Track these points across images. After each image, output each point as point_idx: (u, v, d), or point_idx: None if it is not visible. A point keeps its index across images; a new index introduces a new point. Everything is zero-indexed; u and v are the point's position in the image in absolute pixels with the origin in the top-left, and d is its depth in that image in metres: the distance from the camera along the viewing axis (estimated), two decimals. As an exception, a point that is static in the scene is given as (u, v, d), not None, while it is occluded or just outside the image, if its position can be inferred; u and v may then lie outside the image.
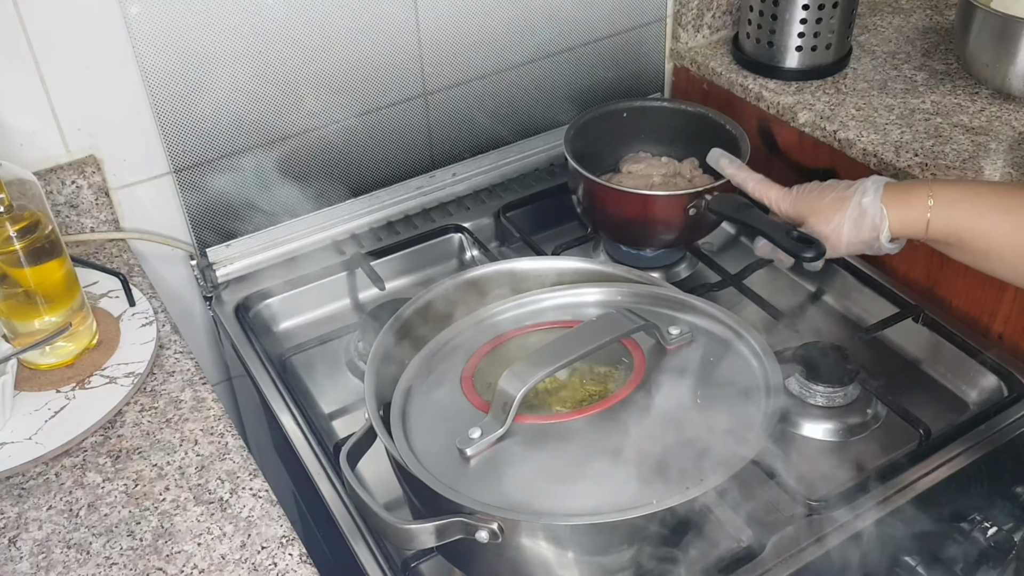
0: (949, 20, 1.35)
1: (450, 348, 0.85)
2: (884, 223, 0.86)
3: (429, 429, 0.76)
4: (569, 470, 0.71)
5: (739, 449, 0.70)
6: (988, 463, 0.89)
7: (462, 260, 1.19)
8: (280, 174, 1.12)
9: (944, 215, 0.84)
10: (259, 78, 1.05)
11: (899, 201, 0.86)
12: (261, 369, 1.00)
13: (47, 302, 0.87)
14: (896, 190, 0.87)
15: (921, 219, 0.85)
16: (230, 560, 0.74)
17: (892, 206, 0.86)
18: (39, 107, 0.97)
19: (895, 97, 1.19)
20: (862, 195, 0.87)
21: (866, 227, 0.87)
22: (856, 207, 0.87)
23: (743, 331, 0.81)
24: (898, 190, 0.87)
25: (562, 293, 0.89)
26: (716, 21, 1.35)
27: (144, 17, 0.96)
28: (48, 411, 0.85)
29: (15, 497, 0.79)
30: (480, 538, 0.67)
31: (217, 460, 0.82)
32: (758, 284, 1.08)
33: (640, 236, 1.11)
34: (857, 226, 0.88)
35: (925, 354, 1.03)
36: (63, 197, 1.01)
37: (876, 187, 0.87)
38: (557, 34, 1.23)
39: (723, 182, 1.04)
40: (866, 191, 0.87)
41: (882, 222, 0.86)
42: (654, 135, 1.20)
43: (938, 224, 0.85)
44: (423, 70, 1.16)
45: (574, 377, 0.79)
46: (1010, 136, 1.10)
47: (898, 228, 0.87)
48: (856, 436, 0.94)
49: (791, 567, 0.79)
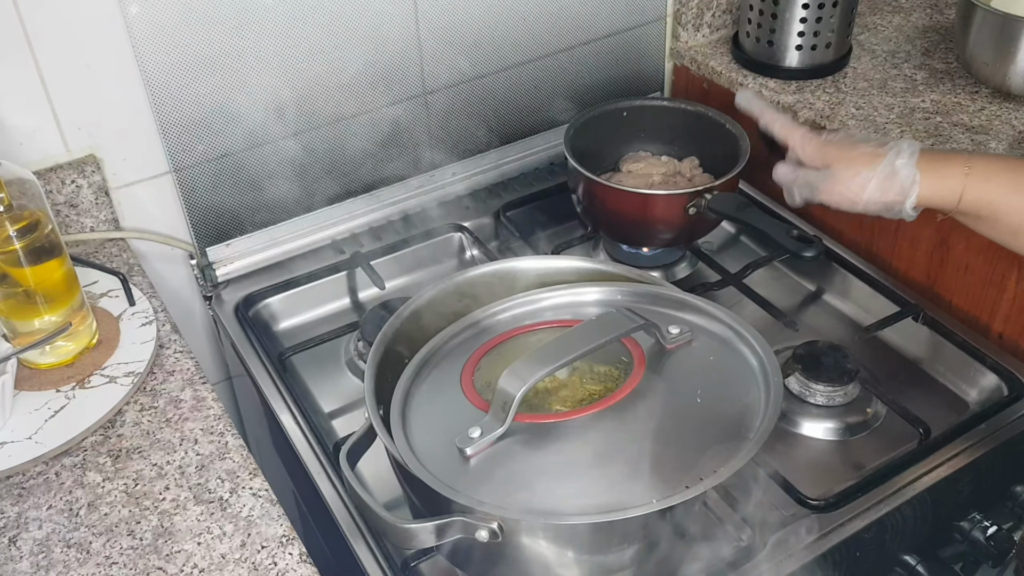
0: (949, 19, 1.35)
1: (450, 347, 0.85)
2: (914, 189, 0.83)
3: (429, 428, 0.76)
4: (569, 469, 0.71)
5: (738, 448, 0.70)
6: (988, 462, 0.89)
7: (462, 259, 1.19)
8: (280, 173, 1.12)
9: (979, 188, 0.82)
10: (259, 77, 1.05)
11: (934, 168, 0.83)
12: (261, 368, 1.00)
13: (47, 301, 0.87)
14: (932, 157, 0.84)
15: (955, 189, 0.82)
16: (230, 559, 0.74)
17: (926, 173, 0.83)
18: (39, 106, 0.97)
19: (895, 96, 1.19)
20: (896, 155, 0.84)
21: (894, 189, 0.84)
22: (888, 166, 0.83)
23: (743, 330, 0.81)
24: (934, 158, 0.84)
25: (562, 292, 0.89)
26: (716, 20, 1.35)
27: (144, 17, 0.96)
28: (48, 410, 0.85)
29: (15, 497, 0.79)
30: (480, 537, 0.67)
31: (217, 459, 0.82)
32: (758, 283, 1.08)
33: (640, 235, 1.11)
34: (884, 186, 0.84)
35: (925, 353, 1.03)
36: (63, 196, 1.01)
37: (912, 150, 0.84)
38: (557, 33, 1.23)
39: (723, 181, 1.04)
40: (901, 152, 0.84)
41: (912, 187, 0.83)
42: (654, 134, 1.20)
43: (971, 196, 0.82)
44: (423, 69, 1.15)
45: (574, 376, 0.79)
46: (1010, 135, 1.10)
47: (927, 196, 0.83)
48: (856, 435, 0.94)
49: (791, 566, 0.79)
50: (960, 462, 0.88)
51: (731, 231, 1.21)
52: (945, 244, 1.06)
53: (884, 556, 0.89)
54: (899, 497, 0.84)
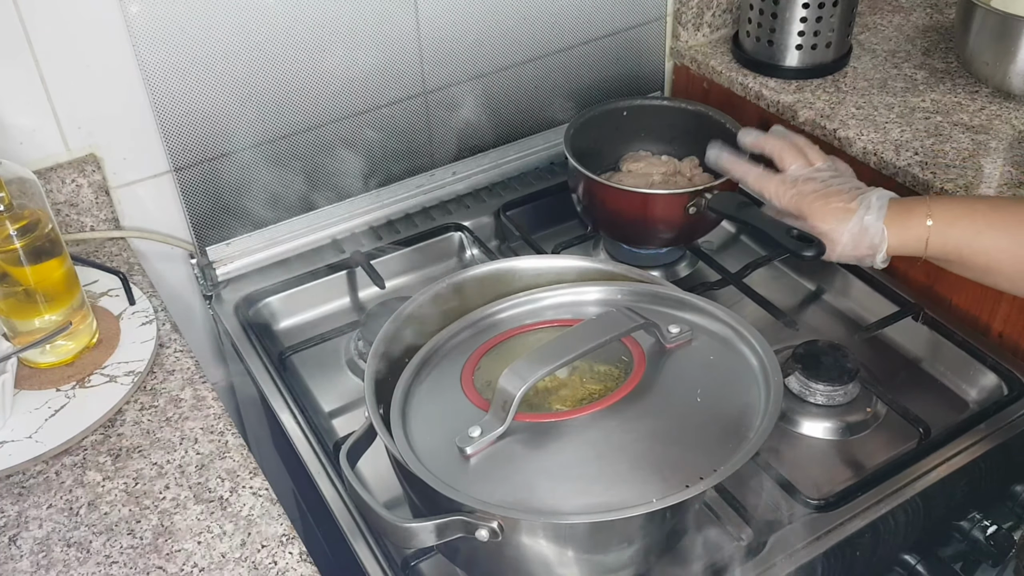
0: (949, 19, 1.35)
1: (450, 347, 0.85)
2: (883, 245, 0.86)
3: (429, 427, 0.76)
4: (569, 468, 0.71)
5: (739, 447, 0.70)
6: (988, 461, 0.89)
7: (462, 259, 1.19)
8: (280, 173, 1.12)
9: (943, 233, 0.84)
10: (259, 76, 1.05)
11: (899, 221, 0.85)
12: (261, 368, 1.00)
13: (47, 301, 0.87)
14: (898, 209, 0.86)
15: (920, 238, 0.84)
16: (230, 559, 0.74)
17: (892, 227, 0.85)
18: (39, 105, 0.97)
19: (895, 96, 1.19)
20: (866, 211, 0.86)
21: (864, 245, 0.87)
22: (858, 223, 0.86)
23: (743, 330, 0.81)
24: (900, 209, 0.86)
25: (562, 292, 0.89)
26: (716, 20, 1.35)
27: (144, 16, 0.96)
28: (48, 410, 0.85)
29: (15, 496, 0.79)
30: (480, 536, 0.67)
31: (217, 459, 0.82)
32: (758, 283, 1.08)
33: (640, 235, 1.11)
34: (855, 241, 0.87)
35: (925, 353, 1.03)
36: (63, 196, 1.01)
37: (880, 204, 0.86)
38: (557, 32, 1.23)
39: (723, 180, 1.04)
40: (870, 207, 0.86)
41: (881, 243, 0.86)
42: (654, 134, 1.20)
43: (937, 243, 0.84)
44: (423, 69, 1.15)
45: (574, 376, 0.79)
46: (1010, 135, 1.10)
47: (896, 247, 0.86)
48: (856, 435, 0.94)
49: (791, 566, 0.79)
50: (960, 462, 0.88)
51: (731, 231, 1.21)
52: (945, 244, 1.06)
53: (884, 555, 0.89)
54: (899, 496, 0.84)
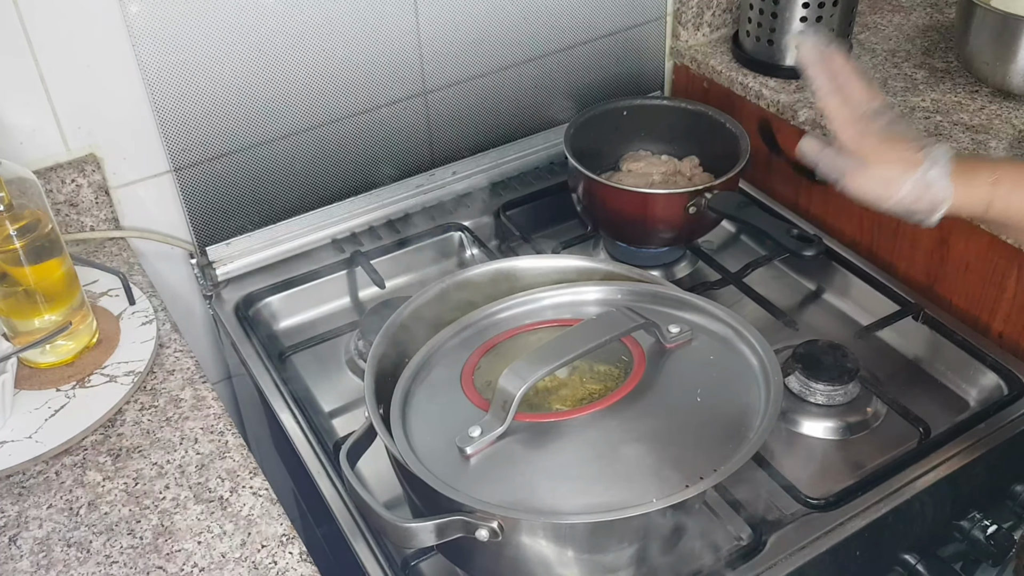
0: (949, 18, 1.35)
1: (450, 346, 0.85)
2: (945, 204, 0.79)
3: (429, 427, 0.76)
4: (569, 468, 0.71)
5: (739, 447, 0.70)
6: (988, 461, 0.89)
7: (462, 259, 1.19)
8: (280, 172, 1.12)
9: (1007, 198, 0.79)
10: (259, 76, 1.05)
11: (964, 180, 0.79)
12: (261, 367, 1.00)
13: (47, 301, 0.87)
14: (962, 168, 0.80)
15: (983, 200, 0.79)
16: (230, 558, 0.74)
17: (957, 185, 0.79)
18: (39, 105, 0.97)
19: (895, 95, 1.19)
20: (932, 165, 0.79)
21: (926, 199, 0.80)
22: (923, 176, 0.79)
23: (743, 329, 0.81)
24: (964, 168, 0.80)
25: (562, 291, 0.89)
26: (716, 19, 1.34)
27: (144, 16, 0.96)
28: (48, 410, 0.85)
29: (15, 496, 0.79)
30: (480, 536, 0.67)
31: (217, 458, 0.82)
32: (758, 282, 1.08)
33: (640, 234, 1.11)
34: (916, 195, 0.80)
35: (925, 352, 1.03)
36: (63, 195, 1.01)
37: (946, 160, 0.80)
38: (557, 32, 1.23)
39: (723, 180, 1.04)
40: (936, 162, 0.79)
41: (943, 202, 0.79)
42: (654, 133, 1.20)
43: (999, 207, 0.79)
44: (423, 68, 1.15)
45: (574, 375, 0.79)
46: (1010, 134, 1.10)
47: (956, 208, 0.80)
48: (856, 434, 0.94)
49: (791, 565, 0.79)
50: (960, 461, 0.88)
51: (731, 230, 1.21)
52: (945, 243, 1.06)
53: (884, 555, 0.89)
54: (899, 496, 0.84)
